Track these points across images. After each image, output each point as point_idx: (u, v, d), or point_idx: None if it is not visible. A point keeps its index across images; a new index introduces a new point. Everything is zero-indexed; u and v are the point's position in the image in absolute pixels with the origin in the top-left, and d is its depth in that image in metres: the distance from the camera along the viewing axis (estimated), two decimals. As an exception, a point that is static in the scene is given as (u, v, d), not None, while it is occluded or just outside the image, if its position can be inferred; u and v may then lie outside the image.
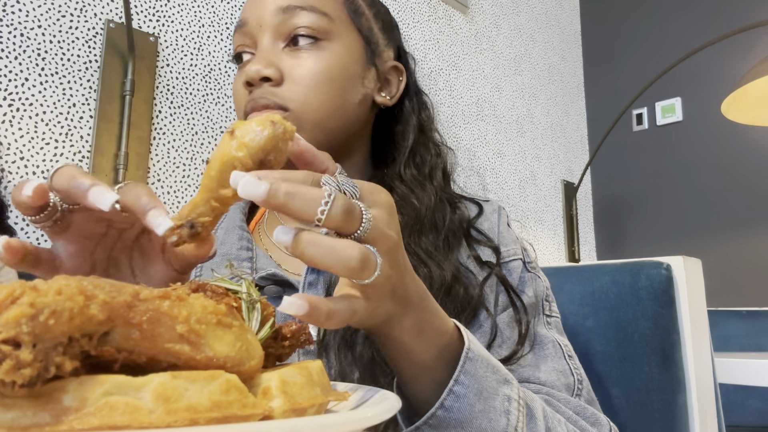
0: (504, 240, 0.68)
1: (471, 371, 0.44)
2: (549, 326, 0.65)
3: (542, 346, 0.62)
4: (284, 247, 0.34)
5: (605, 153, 2.76)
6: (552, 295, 0.69)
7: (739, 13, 2.53)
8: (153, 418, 0.22)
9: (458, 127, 2.15)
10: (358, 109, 0.69)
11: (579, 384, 0.61)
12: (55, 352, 0.21)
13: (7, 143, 1.09)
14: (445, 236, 0.64)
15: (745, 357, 1.40)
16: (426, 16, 2.09)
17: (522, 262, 0.67)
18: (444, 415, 0.43)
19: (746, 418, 1.95)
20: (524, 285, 0.66)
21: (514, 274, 0.66)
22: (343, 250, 0.33)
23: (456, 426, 0.43)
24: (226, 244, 0.68)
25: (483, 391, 0.44)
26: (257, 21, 0.66)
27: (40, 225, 0.38)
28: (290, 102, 0.63)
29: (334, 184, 0.35)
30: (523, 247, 0.70)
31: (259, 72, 0.63)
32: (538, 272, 0.69)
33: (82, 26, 1.21)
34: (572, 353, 0.64)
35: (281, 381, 0.27)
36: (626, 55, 2.88)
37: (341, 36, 0.67)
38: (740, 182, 2.50)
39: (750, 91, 1.81)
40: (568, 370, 0.61)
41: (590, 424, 0.57)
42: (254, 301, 0.34)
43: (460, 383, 0.43)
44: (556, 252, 2.57)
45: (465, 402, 0.43)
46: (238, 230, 0.69)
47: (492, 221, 0.70)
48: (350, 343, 0.56)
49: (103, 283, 0.24)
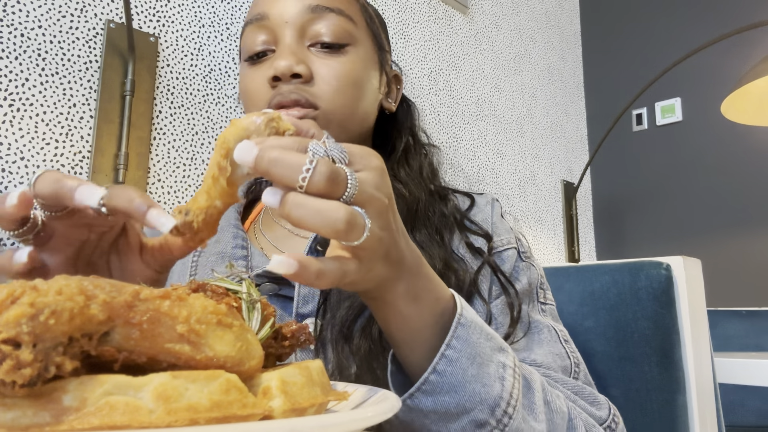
0: (497, 230, 0.69)
1: (463, 336, 0.44)
2: (544, 313, 0.66)
3: (537, 332, 0.63)
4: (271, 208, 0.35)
5: (605, 153, 2.76)
6: (546, 284, 0.70)
7: (739, 13, 2.53)
8: (153, 418, 0.22)
9: (458, 127, 2.15)
10: (372, 114, 0.72)
11: (576, 367, 0.61)
12: (55, 352, 0.21)
13: (7, 143, 1.09)
14: (437, 228, 0.65)
15: (744, 357, 1.40)
16: (426, 16, 2.09)
17: (516, 251, 0.68)
18: (437, 379, 0.43)
19: (746, 418, 1.95)
20: (518, 273, 0.66)
21: (507, 262, 0.66)
22: (329, 212, 0.33)
23: (449, 391, 0.43)
24: (221, 242, 0.67)
25: (476, 357, 0.44)
26: (281, 16, 0.65)
27: (23, 238, 0.38)
28: (320, 101, 0.64)
29: (322, 150, 0.35)
30: (517, 237, 0.70)
31: (290, 68, 0.62)
32: (533, 261, 0.70)
33: (83, 26, 1.21)
34: (568, 338, 0.64)
35: (281, 381, 0.27)
36: (626, 55, 2.88)
37: (362, 41, 0.68)
38: (740, 182, 2.50)
39: (750, 91, 1.81)
40: (564, 353, 0.61)
41: (589, 403, 0.57)
42: (254, 301, 0.34)
43: (452, 347, 0.43)
44: (555, 252, 2.56)
45: (458, 366, 0.43)
46: (233, 228, 0.69)
47: (486, 213, 0.71)
48: (347, 336, 0.56)
49: (103, 283, 0.24)
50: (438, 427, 0.44)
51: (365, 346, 0.55)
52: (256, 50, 0.67)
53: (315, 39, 0.65)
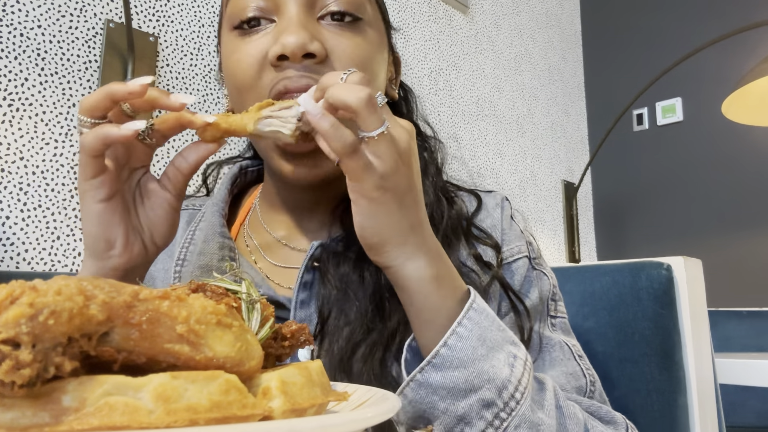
0: (507, 237, 0.64)
1: (475, 318, 0.46)
2: (554, 327, 0.63)
3: (549, 350, 0.60)
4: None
5: (605, 153, 2.76)
6: (559, 293, 0.66)
7: (739, 13, 2.53)
8: (153, 418, 0.22)
9: (458, 127, 2.15)
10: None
11: (591, 386, 0.59)
12: (54, 352, 0.21)
13: (7, 143, 1.09)
14: (444, 234, 0.60)
15: (745, 357, 1.40)
16: (426, 16, 2.09)
17: (527, 259, 0.64)
18: (447, 353, 0.44)
19: (747, 418, 1.95)
20: (530, 285, 0.63)
21: (518, 274, 0.63)
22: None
23: (458, 366, 0.44)
24: (205, 255, 0.60)
25: (486, 340, 0.45)
26: None
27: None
28: None
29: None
30: (528, 242, 0.66)
31: (304, 46, 0.52)
32: (544, 268, 0.66)
33: (82, 26, 1.21)
34: (581, 353, 0.62)
35: (281, 381, 0.27)
36: (626, 55, 2.88)
37: (375, 16, 0.60)
38: (741, 182, 2.50)
39: (750, 91, 1.81)
40: (579, 371, 0.59)
41: (605, 423, 0.55)
42: (254, 301, 0.34)
43: (463, 326, 0.45)
44: (556, 252, 2.56)
45: (467, 343, 0.45)
46: (219, 238, 0.61)
47: (494, 217, 0.66)
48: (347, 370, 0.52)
49: (103, 283, 0.24)
50: (446, 404, 0.44)
51: (366, 376, 0.51)
52: (248, 16, 0.55)
53: (326, 9, 0.55)
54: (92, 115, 0.44)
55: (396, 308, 0.53)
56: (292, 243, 0.63)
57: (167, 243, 0.51)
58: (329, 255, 0.57)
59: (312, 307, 0.57)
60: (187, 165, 0.48)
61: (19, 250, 1.08)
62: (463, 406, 0.44)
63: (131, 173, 0.49)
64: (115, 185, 0.46)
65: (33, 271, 1.09)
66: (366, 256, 0.51)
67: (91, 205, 0.46)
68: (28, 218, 1.10)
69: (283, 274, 0.62)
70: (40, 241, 1.11)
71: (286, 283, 0.60)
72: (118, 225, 0.47)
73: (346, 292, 0.55)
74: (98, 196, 0.46)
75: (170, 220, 0.50)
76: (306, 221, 0.64)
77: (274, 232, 0.65)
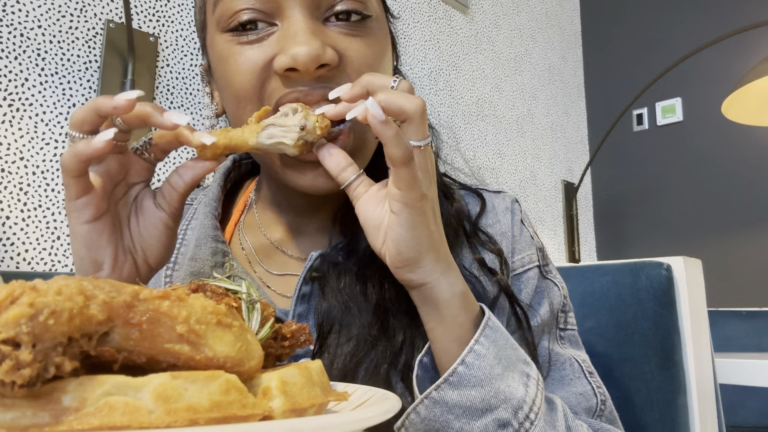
0: (519, 246, 0.61)
1: (491, 336, 0.45)
2: (563, 341, 0.60)
3: (559, 368, 0.58)
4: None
5: (605, 153, 2.76)
6: (569, 303, 0.63)
7: (739, 13, 2.53)
8: (153, 418, 0.22)
9: (458, 127, 2.15)
10: None
11: (602, 405, 0.57)
12: (54, 352, 0.21)
13: (6, 143, 1.09)
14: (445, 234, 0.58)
15: (745, 357, 1.40)
16: (426, 16, 2.09)
17: (538, 269, 0.61)
18: (464, 371, 0.44)
19: (746, 418, 1.95)
20: (541, 297, 0.60)
21: (528, 286, 0.60)
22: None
23: (476, 384, 0.44)
24: (197, 261, 0.57)
25: (502, 359, 0.45)
26: None
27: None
28: None
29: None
30: (539, 248, 0.63)
31: (318, 59, 0.47)
32: (554, 277, 0.63)
33: (82, 26, 1.21)
34: (592, 369, 0.59)
35: (281, 381, 0.27)
36: (626, 55, 2.88)
37: (380, 15, 0.56)
38: (740, 182, 2.50)
39: (750, 91, 1.81)
40: (590, 390, 0.57)
41: None
42: (254, 301, 0.34)
43: (481, 344, 0.45)
44: (556, 252, 2.56)
45: (485, 362, 0.44)
46: (212, 242, 0.58)
47: (504, 224, 0.62)
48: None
49: (103, 284, 0.24)
50: (461, 423, 0.44)
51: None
52: (244, 19, 0.49)
53: (329, 11, 0.51)
54: (81, 129, 0.42)
55: (401, 323, 0.51)
56: (290, 248, 0.61)
57: (162, 264, 0.48)
58: (329, 266, 0.54)
59: (310, 321, 0.54)
60: (183, 183, 0.45)
61: (19, 250, 1.08)
62: (479, 426, 0.43)
63: (129, 189, 0.47)
64: (102, 205, 0.44)
65: (33, 271, 1.09)
66: (368, 268, 0.51)
67: (77, 227, 0.44)
68: (28, 218, 1.10)
69: (280, 282, 0.59)
70: (40, 241, 1.11)
71: (284, 291, 0.58)
72: (107, 246, 0.44)
73: (347, 305, 0.52)
74: (83, 218, 0.43)
75: (164, 240, 0.47)
76: (305, 225, 0.61)
77: (271, 234, 0.62)
